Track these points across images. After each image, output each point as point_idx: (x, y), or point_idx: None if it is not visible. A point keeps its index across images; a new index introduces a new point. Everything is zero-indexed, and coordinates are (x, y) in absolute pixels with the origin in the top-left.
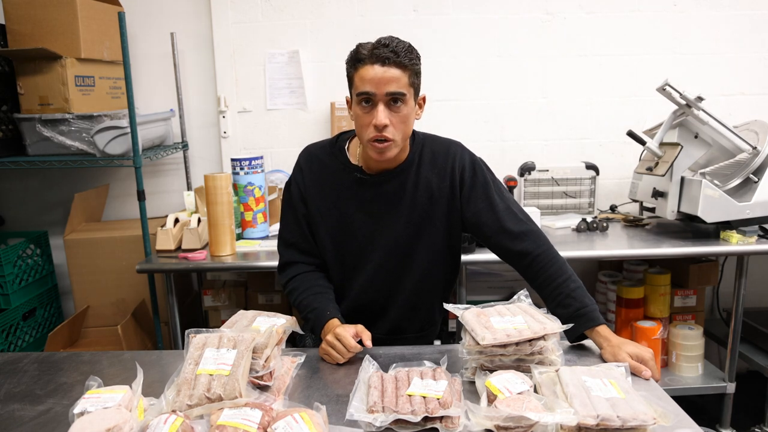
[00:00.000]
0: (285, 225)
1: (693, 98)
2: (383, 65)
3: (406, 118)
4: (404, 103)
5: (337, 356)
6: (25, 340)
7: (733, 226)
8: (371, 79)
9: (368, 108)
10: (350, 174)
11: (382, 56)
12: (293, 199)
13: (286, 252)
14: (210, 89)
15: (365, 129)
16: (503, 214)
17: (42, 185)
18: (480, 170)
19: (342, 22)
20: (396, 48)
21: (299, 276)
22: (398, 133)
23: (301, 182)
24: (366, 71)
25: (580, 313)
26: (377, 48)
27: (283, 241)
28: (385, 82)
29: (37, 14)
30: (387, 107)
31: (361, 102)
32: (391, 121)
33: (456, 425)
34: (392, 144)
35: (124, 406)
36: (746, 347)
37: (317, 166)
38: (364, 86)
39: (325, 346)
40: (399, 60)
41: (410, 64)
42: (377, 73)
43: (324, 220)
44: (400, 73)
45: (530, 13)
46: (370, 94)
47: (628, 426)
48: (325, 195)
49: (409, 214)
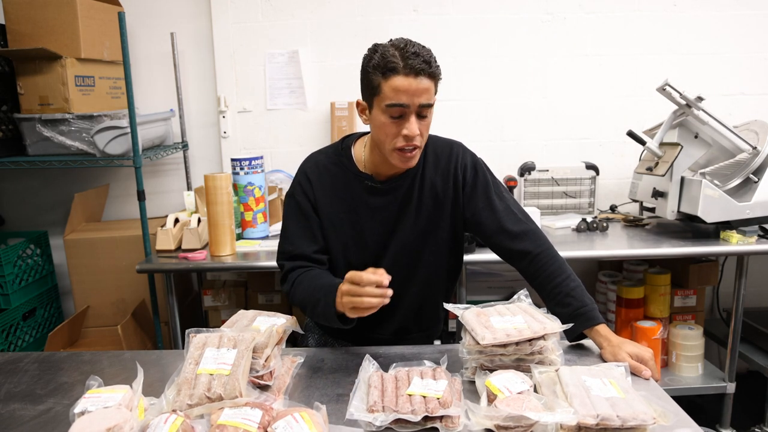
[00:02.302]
0: (289, 237)
1: (693, 98)
2: (417, 76)
3: (429, 126)
4: (430, 112)
5: (363, 296)
6: (25, 340)
7: (733, 226)
8: (406, 90)
9: (398, 119)
10: (361, 182)
11: (416, 68)
12: (302, 209)
13: (290, 264)
14: (210, 89)
15: (392, 138)
16: (503, 214)
17: (42, 185)
18: (481, 170)
19: (342, 22)
20: (428, 58)
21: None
22: (423, 140)
23: (310, 193)
24: (400, 82)
25: (579, 312)
26: (410, 58)
27: (286, 254)
28: (420, 94)
29: (37, 14)
30: (417, 117)
31: (392, 114)
32: (420, 131)
33: (456, 425)
34: (417, 151)
35: (124, 406)
36: (746, 347)
37: (326, 177)
38: (399, 98)
39: (346, 299)
40: (431, 71)
41: (438, 73)
42: (411, 84)
43: (335, 229)
44: (431, 83)
45: (530, 13)
46: (405, 106)
47: (628, 426)
48: (336, 205)
49: (416, 218)
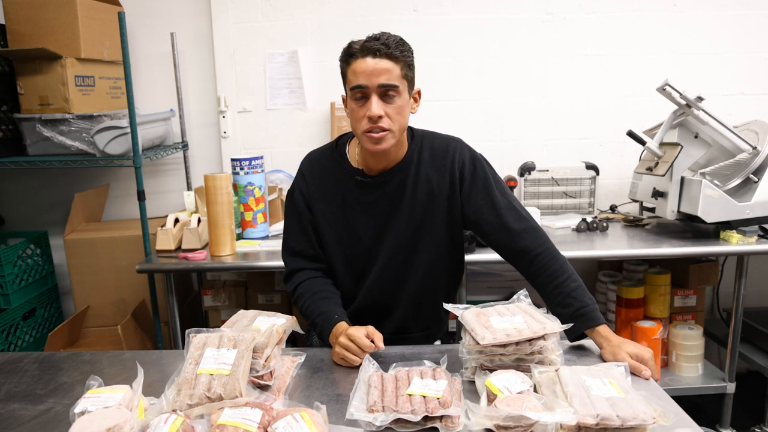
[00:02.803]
0: (289, 233)
1: (693, 98)
2: (374, 57)
3: (401, 110)
4: (398, 94)
5: (354, 358)
6: (25, 340)
7: (733, 226)
8: (363, 71)
9: (362, 101)
10: (352, 178)
11: (373, 48)
12: (298, 206)
13: (292, 260)
14: (210, 89)
15: (360, 122)
16: (504, 210)
17: (42, 185)
18: (480, 166)
19: (342, 22)
20: (387, 41)
21: (305, 282)
22: (394, 123)
23: (305, 189)
24: (358, 65)
25: (580, 313)
26: (368, 42)
27: (288, 249)
28: (377, 74)
29: (37, 14)
30: (381, 99)
31: (355, 96)
32: (386, 113)
33: (456, 425)
34: (389, 134)
35: (124, 406)
36: (746, 347)
37: (319, 173)
38: (357, 79)
39: (339, 350)
40: (390, 52)
41: (401, 56)
42: (369, 65)
43: (330, 226)
44: (391, 64)
45: (530, 13)
46: (363, 87)
47: (628, 425)
48: (329, 201)
49: (410, 212)
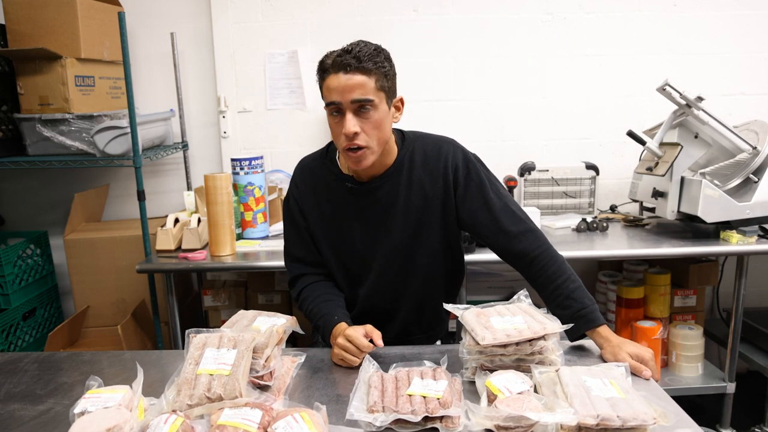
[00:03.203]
0: (289, 240)
1: (693, 98)
2: (346, 72)
3: (378, 124)
4: (374, 108)
5: (352, 358)
6: (25, 340)
7: (733, 226)
8: (335, 88)
9: (338, 117)
10: (342, 184)
11: (343, 63)
12: (293, 214)
13: (294, 266)
14: (210, 89)
15: (338, 138)
16: (500, 213)
17: (42, 185)
18: (474, 168)
19: (342, 22)
20: (359, 54)
21: (308, 286)
22: (372, 139)
23: (298, 197)
24: (331, 80)
25: (580, 314)
26: (340, 56)
27: (289, 256)
28: (349, 90)
29: (37, 14)
30: (356, 115)
31: (332, 112)
32: (362, 128)
33: (456, 425)
34: (367, 151)
35: (124, 406)
36: (746, 347)
37: (311, 180)
38: (331, 96)
39: (337, 350)
40: (362, 66)
41: (375, 68)
42: (341, 81)
43: (324, 233)
44: (364, 78)
45: (530, 13)
46: (337, 104)
47: (628, 426)
48: (321, 207)
49: (405, 218)
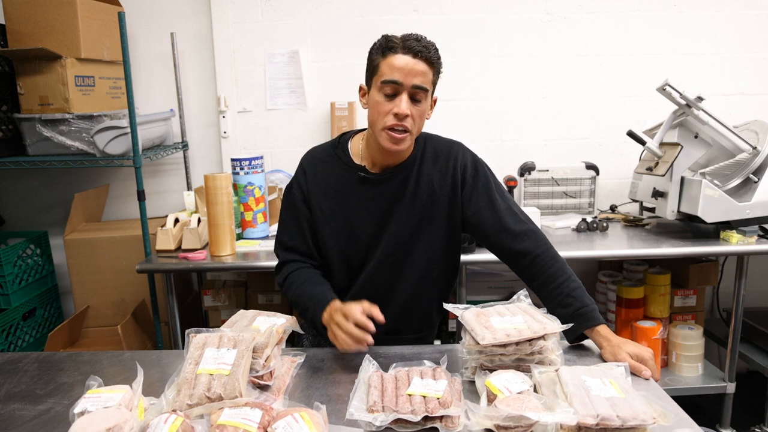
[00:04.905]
0: (284, 228)
1: (693, 98)
2: (414, 57)
3: (423, 113)
4: (425, 98)
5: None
6: (25, 340)
7: (733, 226)
8: (401, 68)
9: (390, 97)
10: (354, 173)
11: (414, 48)
12: (295, 202)
13: (284, 254)
14: (210, 89)
15: (383, 116)
16: (504, 213)
17: (42, 185)
18: (482, 170)
19: (342, 22)
20: (427, 44)
21: (295, 272)
22: (415, 126)
23: (304, 185)
24: (396, 59)
25: (580, 313)
26: (409, 40)
27: (281, 244)
28: (414, 74)
29: (37, 14)
30: (409, 99)
31: (384, 90)
32: (411, 113)
33: (456, 425)
34: (408, 136)
35: (124, 406)
36: (746, 347)
37: (321, 169)
38: (393, 74)
39: (335, 329)
40: (429, 55)
41: (437, 62)
42: (408, 63)
43: (328, 221)
44: (427, 68)
45: (530, 13)
46: (397, 83)
47: (628, 426)
48: (329, 196)
49: (410, 211)
